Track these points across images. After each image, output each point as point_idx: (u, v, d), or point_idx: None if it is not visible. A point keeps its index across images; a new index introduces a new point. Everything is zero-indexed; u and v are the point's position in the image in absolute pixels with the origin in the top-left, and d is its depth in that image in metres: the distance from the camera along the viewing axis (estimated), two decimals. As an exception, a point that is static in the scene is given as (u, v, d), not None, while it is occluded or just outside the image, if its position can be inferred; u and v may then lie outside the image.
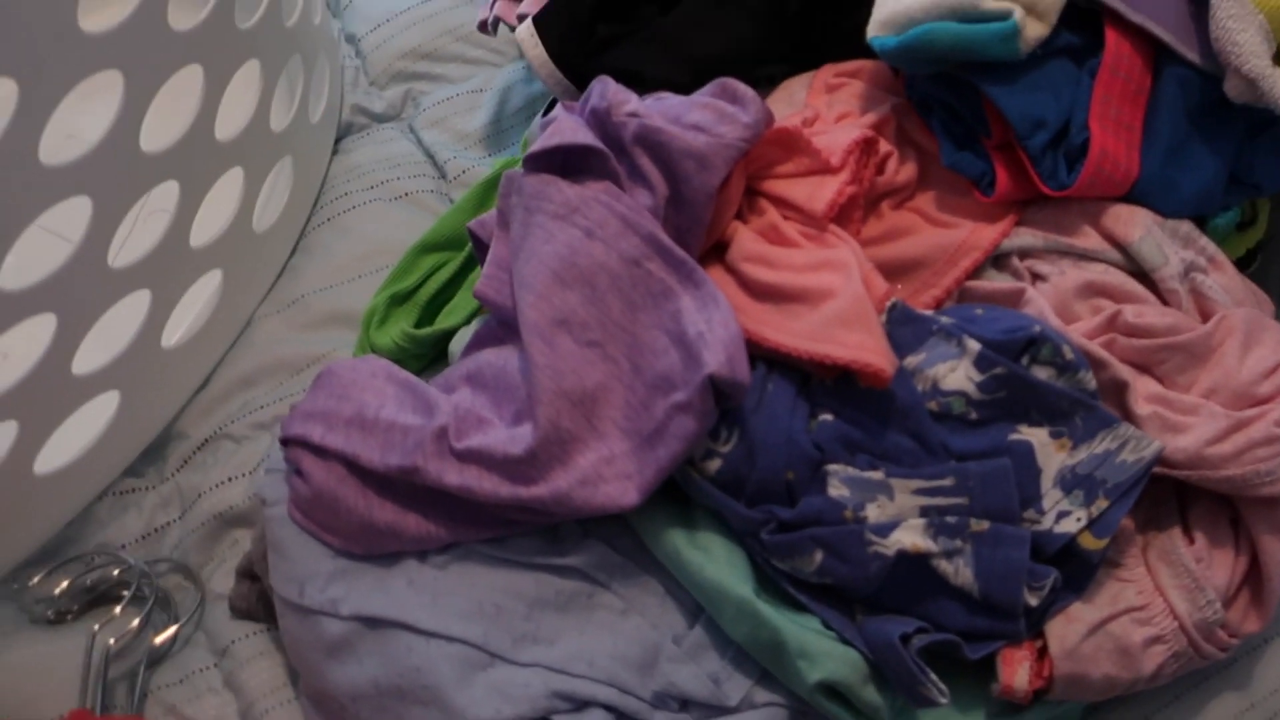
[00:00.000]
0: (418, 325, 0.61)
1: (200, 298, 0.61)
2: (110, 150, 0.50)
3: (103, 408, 0.56)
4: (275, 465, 0.51)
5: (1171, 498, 0.46)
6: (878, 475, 0.44)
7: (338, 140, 0.74)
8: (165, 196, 0.55)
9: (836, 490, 0.44)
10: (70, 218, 0.50)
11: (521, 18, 0.60)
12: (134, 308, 0.56)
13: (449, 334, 0.60)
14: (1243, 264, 0.54)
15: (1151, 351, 0.46)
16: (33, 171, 0.47)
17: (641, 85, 0.52)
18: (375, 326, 0.61)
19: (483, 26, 0.67)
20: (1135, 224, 0.48)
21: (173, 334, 0.59)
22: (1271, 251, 0.56)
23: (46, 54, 0.45)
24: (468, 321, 0.60)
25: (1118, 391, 0.45)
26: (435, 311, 0.63)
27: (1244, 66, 0.46)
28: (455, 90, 0.75)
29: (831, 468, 0.44)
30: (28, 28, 0.44)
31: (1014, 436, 0.45)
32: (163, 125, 0.53)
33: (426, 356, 0.61)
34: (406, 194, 0.70)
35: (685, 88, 0.50)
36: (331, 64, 0.73)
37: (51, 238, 0.53)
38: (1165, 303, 0.48)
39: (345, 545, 0.47)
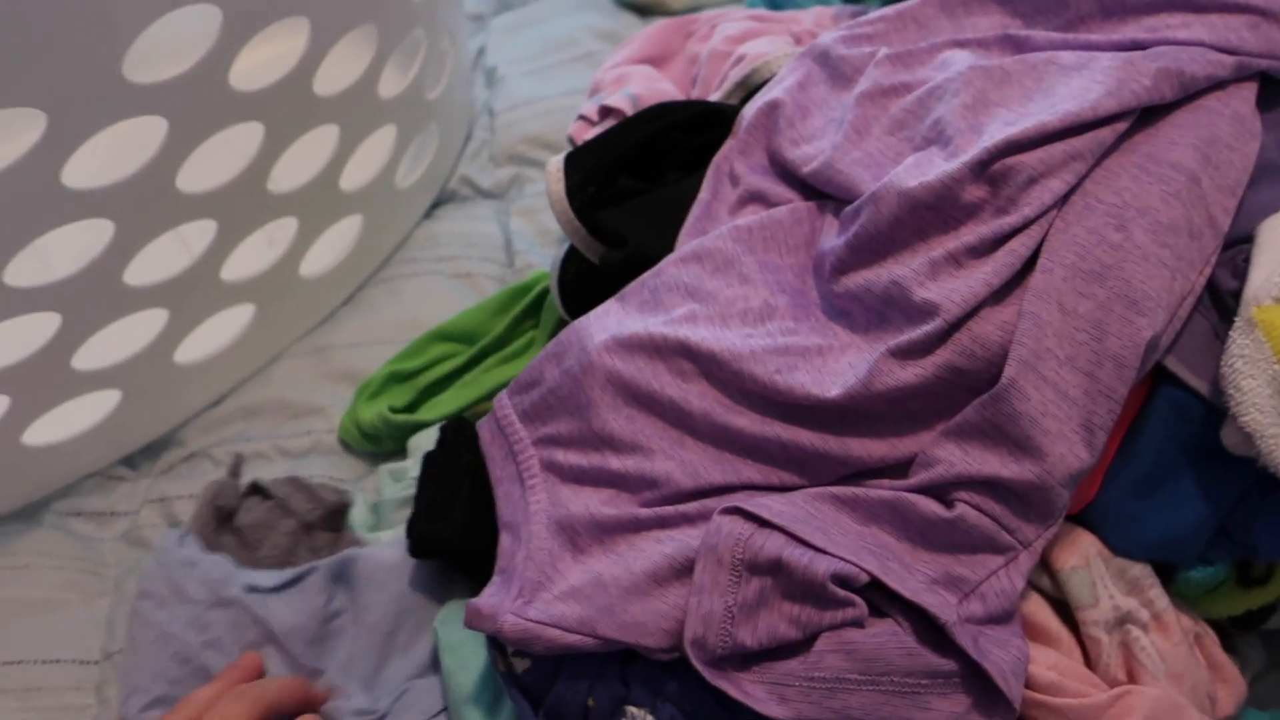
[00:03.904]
0: (406, 409, 0.62)
1: (229, 325, 0.65)
2: (142, 183, 0.54)
3: (102, 402, 0.61)
4: (164, 552, 0.54)
5: None
6: (677, 733, 0.41)
7: (435, 206, 0.77)
8: (204, 230, 0.59)
9: (629, 732, 0.41)
10: (96, 234, 0.54)
11: (587, 143, 0.60)
12: (150, 322, 0.60)
13: (422, 426, 0.61)
14: (1248, 622, 0.46)
15: (1027, 706, 0.39)
16: (56, 190, 0.51)
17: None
18: (366, 398, 0.63)
19: (568, 138, 0.67)
20: (1074, 551, 0.42)
21: (189, 352, 0.63)
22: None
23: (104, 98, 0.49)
24: (440, 420, 0.60)
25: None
26: (428, 399, 0.63)
27: (1242, 417, 0.39)
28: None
29: (632, 710, 0.41)
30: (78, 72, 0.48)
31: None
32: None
33: (400, 441, 0.62)
34: (469, 274, 0.72)
35: (660, 256, 0.49)
36: (448, 134, 0.76)
37: (75, 247, 0.58)
38: (1083, 650, 0.42)
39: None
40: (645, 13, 0.86)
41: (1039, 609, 0.42)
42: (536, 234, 0.74)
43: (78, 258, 0.54)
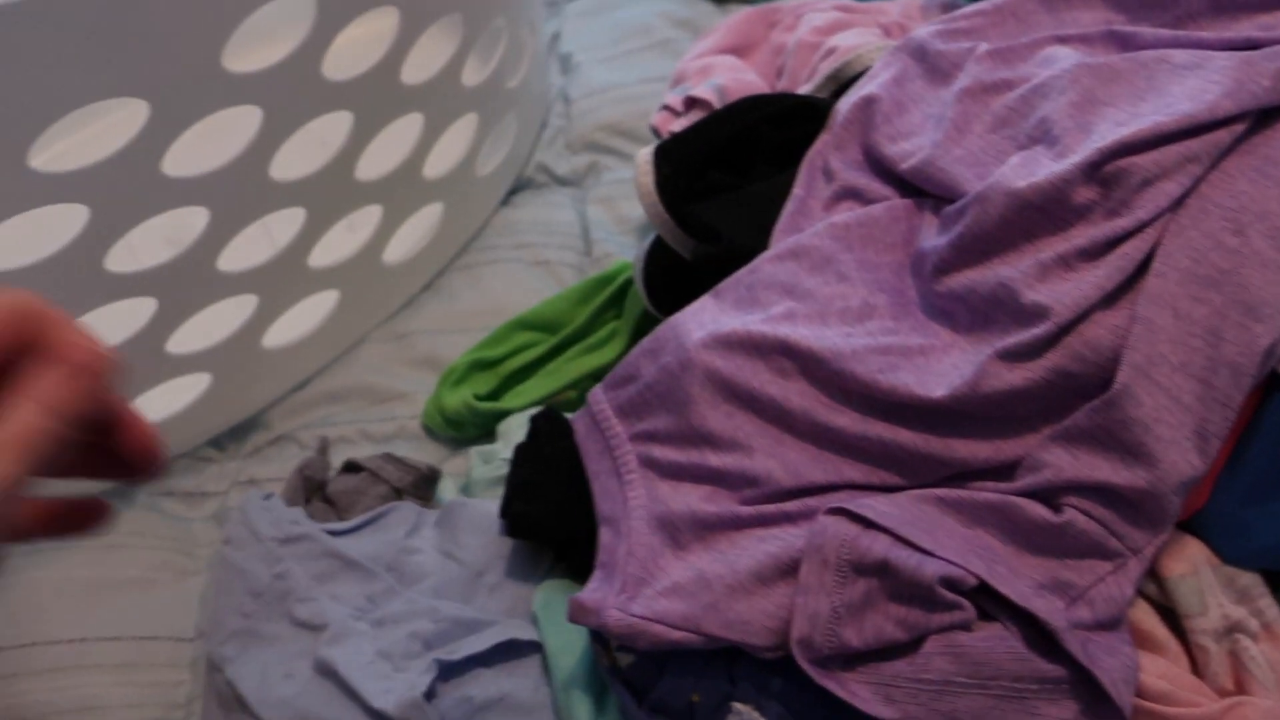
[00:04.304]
0: (489, 397, 0.63)
1: (315, 310, 0.65)
2: (236, 172, 0.54)
3: (193, 385, 0.62)
4: (247, 501, 0.55)
5: None
6: (781, 731, 0.41)
7: (512, 193, 0.77)
8: (292, 218, 0.60)
9: (733, 729, 0.41)
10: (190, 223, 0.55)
11: (672, 134, 0.60)
12: (240, 307, 0.61)
13: (507, 413, 0.61)
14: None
15: (1135, 714, 0.39)
16: (157, 179, 0.52)
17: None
18: (450, 385, 0.63)
19: (651, 127, 0.67)
20: (1182, 558, 0.41)
21: (276, 336, 0.64)
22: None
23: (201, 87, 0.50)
24: (525, 408, 0.61)
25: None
26: (510, 387, 0.64)
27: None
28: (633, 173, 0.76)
29: (738, 706, 0.42)
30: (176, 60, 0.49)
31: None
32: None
33: (483, 429, 0.62)
34: (547, 262, 0.72)
35: (754, 252, 0.49)
36: (525, 122, 0.76)
37: (161, 234, 0.59)
38: (1190, 658, 0.41)
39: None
40: (722, 0, 0.85)
41: (1146, 616, 0.42)
42: (614, 222, 0.74)
43: (170, 244, 0.55)
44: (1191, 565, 0.41)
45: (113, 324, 0.56)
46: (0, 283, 0.50)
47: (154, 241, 0.56)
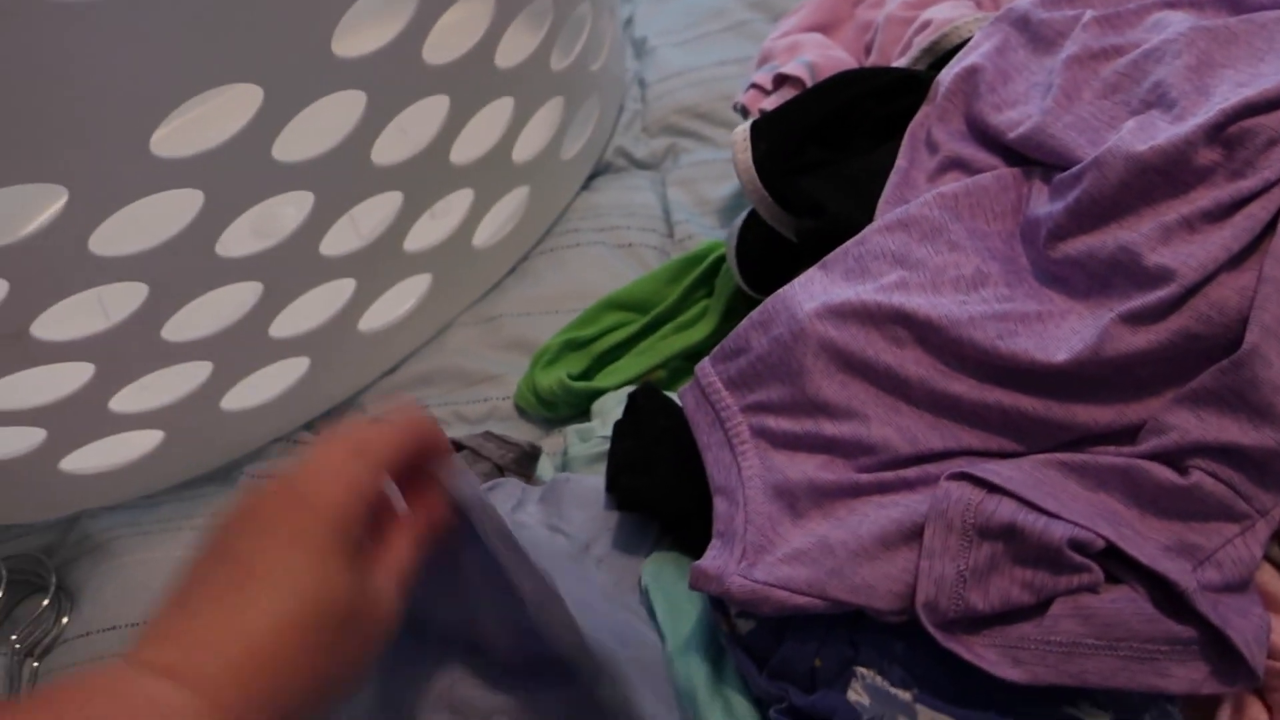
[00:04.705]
0: (582, 376, 0.64)
1: (408, 294, 0.66)
2: (339, 156, 0.55)
3: (292, 369, 0.63)
4: None
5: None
6: (906, 695, 0.41)
7: (592, 177, 0.78)
8: (389, 202, 0.61)
9: (856, 695, 0.42)
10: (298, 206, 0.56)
11: (762, 112, 0.60)
12: (338, 292, 0.62)
13: (601, 393, 0.62)
14: None
15: (1266, 674, 0.39)
16: (268, 163, 0.53)
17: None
18: (542, 366, 0.64)
19: (736, 106, 0.68)
20: (1308, 519, 0.41)
21: (372, 320, 0.65)
22: None
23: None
24: (618, 387, 0.62)
25: (1207, 701, 0.39)
26: (602, 366, 0.64)
27: None
28: (714, 155, 0.77)
29: (861, 670, 0.42)
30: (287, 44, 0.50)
31: (1070, 710, 0.40)
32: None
33: (577, 408, 0.63)
34: (630, 244, 0.72)
35: (859, 225, 0.49)
36: (606, 106, 0.76)
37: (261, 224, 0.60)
38: (1318, 620, 0.41)
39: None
40: (794, -20, 0.85)
41: (1273, 579, 0.41)
42: (695, 204, 0.74)
43: (258, 235, 0.56)
44: (1320, 527, 0.41)
45: (220, 309, 0.57)
46: (118, 267, 0.51)
47: (242, 232, 0.57)
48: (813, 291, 0.47)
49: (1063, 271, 0.44)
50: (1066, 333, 0.43)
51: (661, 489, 0.50)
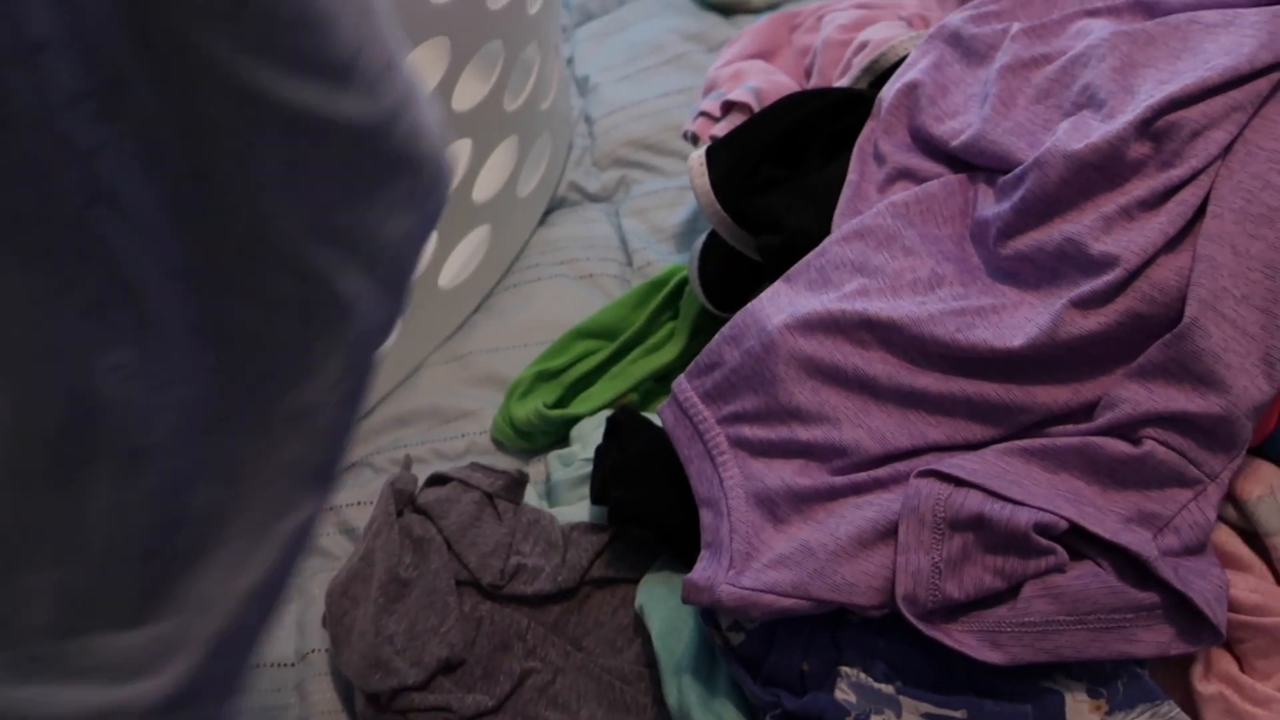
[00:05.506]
0: (556, 405, 0.65)
1: (378, 337, 0.67)
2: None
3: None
4: None
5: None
6: (889, 689, 0.43)
7: (548, 212, 0.80)
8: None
9: (843, 694, 0.43)
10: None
11: (713, 138, 0.63)
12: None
13: (577, 419, 0.63)
14: None
15: (1231, 628, 0.42)
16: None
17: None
18: (517, 398, 0.66)
19: (686, 135, 0.70)
20: (1258, 481, 0.44)
21: (345, 365, 0.66)
22: None
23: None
24: (594, 413, 0.63)
25: (1182, 661, 0.42)
26: (575, 395, 0.66)
27: None
28: (664, 184, 0.79)
29: (845, 670, 0.44)
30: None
31: (1046, 684, 0.42)
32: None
33: (553, 435, 0.64)
34: (592, 275, 0.74)
35: (818, 238, 0.51)
36: (557, 143, 0.79)
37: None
38: (1274, 572, 0.44)
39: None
40: (728, 12, 0.88)
41: (1229, 539, 0.44)
42: (651, 232, 0.76)
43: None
44: (1268, 486, 0.44)
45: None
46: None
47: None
48: (780, 304, 0.49)
49: (1013, 266, 0.47)
50: (1021, 321, 0.45)
51: (654, 502, 0.52)
